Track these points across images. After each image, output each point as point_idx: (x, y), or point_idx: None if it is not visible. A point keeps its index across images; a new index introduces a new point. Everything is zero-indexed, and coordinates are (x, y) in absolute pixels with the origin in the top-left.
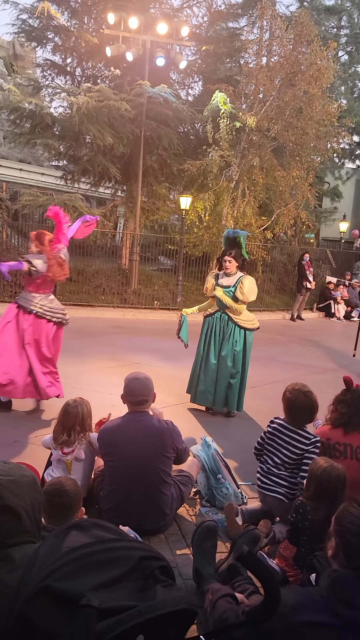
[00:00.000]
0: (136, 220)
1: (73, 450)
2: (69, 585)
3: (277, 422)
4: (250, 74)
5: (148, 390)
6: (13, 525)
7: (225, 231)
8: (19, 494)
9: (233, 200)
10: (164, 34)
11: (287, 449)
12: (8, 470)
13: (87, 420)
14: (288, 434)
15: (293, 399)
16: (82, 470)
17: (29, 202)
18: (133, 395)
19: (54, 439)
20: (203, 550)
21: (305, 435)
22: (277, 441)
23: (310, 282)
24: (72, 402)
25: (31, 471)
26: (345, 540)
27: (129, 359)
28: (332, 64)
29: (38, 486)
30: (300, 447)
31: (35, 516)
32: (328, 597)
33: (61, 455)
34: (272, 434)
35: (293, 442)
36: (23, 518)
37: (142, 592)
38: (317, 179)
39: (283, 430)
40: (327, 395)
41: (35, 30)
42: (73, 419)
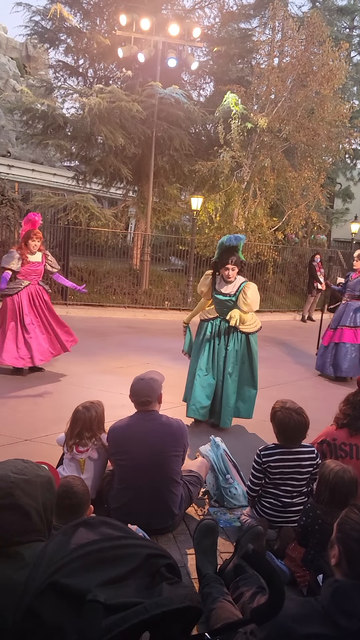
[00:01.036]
0: (147, 221)
1: (87, 449)
2: (76, 581)
3: (274, 452)
4: (262, 75)
5: (152, 391)
6: (23, 523)
7: (225, 238)
8: (31, 493)
9: (244, 201)
10: (176, 35)
11: (296, 472)
12: (23, 469)
13: (99, 423)
14: (292, 457)
15: (286, 421)
16: (94, 470)
17: (41, 203)
18: (136, 395)
19: (66, 442)
20: (203, 548)
21: (308, 449)
22: (283, 470)
23: (321, 283)
24: (82, 408)
25: (48, 471)
26: (348, 548)
27: (139, 359)
28: (344, 65)
29: (53, 487)
30: (311, 463)
31: (46, 516)
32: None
33: (75, 453)
34: (272, 466)
35: (302, 463)
36: (33, 517)
37: (148, 589)
38: (329, 180)
39: (285, 456)
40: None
41: (48, 31)
42: (81, 424)
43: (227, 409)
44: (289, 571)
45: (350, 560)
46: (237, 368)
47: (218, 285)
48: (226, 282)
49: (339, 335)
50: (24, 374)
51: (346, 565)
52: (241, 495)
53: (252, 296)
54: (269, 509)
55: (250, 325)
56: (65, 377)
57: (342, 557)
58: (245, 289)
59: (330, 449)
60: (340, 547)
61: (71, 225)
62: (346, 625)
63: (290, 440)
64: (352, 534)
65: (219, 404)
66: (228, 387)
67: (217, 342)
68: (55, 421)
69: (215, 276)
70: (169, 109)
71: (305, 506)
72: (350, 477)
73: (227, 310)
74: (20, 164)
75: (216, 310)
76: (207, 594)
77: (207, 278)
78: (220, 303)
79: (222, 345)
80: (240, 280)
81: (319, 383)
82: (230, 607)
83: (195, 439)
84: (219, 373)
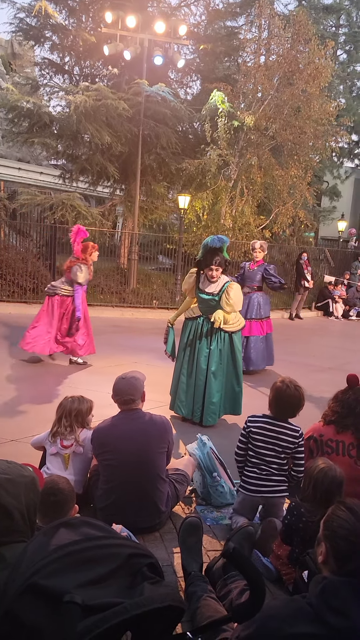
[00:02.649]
0: (135, 220)
1: (72, 444)
2: (55, 583)
3: (259, 419)
4: (249, 73)
5: (134, 389)
6: (5, 523)
7: (209, 239)
8: (14, 493)
9: (231, 199)
10: (162, 32)
11: (276, 444)
12: (6, 469)
13: (80, 417)
14: (275, 429)
15: (283, 389)
16: (79, 465)
17: (27, 201)
18: (119, 394)
19: (50, 429)
20: (187, 546)
21: (293, 428)
22: (264, 439)
23: (309, 281)
24: (70, 397)
25: (32, 472)
26: (335, 545)
27: (127, 358)
28: (330, 63)
29: (37, 487)
30: (291, 440)
31: (29, 517)
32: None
33: (60, 448)
34: (256, 432)
35: (282, 437)
36: (16, 517)
37: (129, 589)
38: (316, 178)
39: (269, 426)
40: (324, 394)
41: (33, 29)
42: (61, 411)
43: (210, 407)
44: (275, 569)
45: (338, 558)
46: (221, 367)
47: (202, 284)
48: (210, 281)
49: (248, 329)
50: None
51: (334, 562)
52: (228, 493)
53: (234, 296)
54: (251, 478)
55: (233, 324)
56: (51, 377)
57: (330, 555)
58: (229, 289)
59: (317, 445)
60: (327, 544)
61: (58, 224)
62: (335, 622)
63: (280, 411)
64: (339, 531)
65: (202, 402)
66: (211, 386)
67: (199, 341)
68: (42, 421)
69: (199, 275)
70: (156, 107)
71: (290, 504)
72: (334, 476)
73: (210, 309)
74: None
75: (200, 309)
76: (191, 593)
77: (191, 276)
78: (203, 302)
79: (204, 344)
80: (224, 280)
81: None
82: (215, 605)
83: (182, 437)
84: (201, 372)
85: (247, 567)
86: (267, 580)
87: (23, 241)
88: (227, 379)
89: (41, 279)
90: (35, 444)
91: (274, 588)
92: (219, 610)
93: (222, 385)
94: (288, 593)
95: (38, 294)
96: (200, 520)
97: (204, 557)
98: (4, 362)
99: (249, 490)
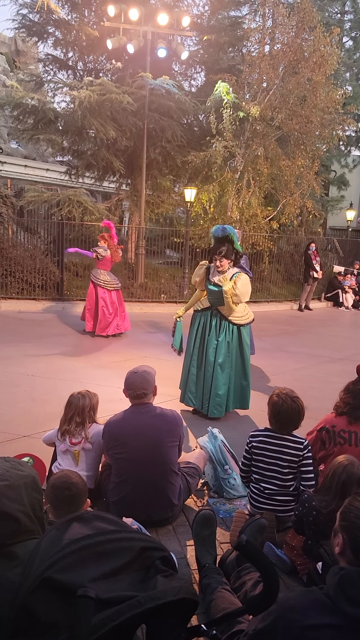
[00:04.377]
0: (141, 214)
1: (81, 441)
2: (69, 577)
3: (260, 433)
4: (253, 63)
5: (147, 383)
6: (12, 528)
7: (213, 229)
8: (16, 498)
9: (238, 191)
10: (165, 24)
11: (279, 458)
12: (4, 473)
13: (91, 412)
14: (277, 443)
15: (280, 403)
16: (89, 461)
17: (34, 198)
18: (132, 389)
19: (59, 428)
20: (202, 538)
21: (296, 440)
22: (267, 454)
23: (317, 271)
24: (76, 394)
25: (31, 469)
26: (352, 536)
27: (136, 352)
28: (335, 50)
29: (37, 484)
30: (295, 453)
31: (36, 514)
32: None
33: (69, 445)
34: (258, 448)
35: (285, 450)
36: (22, 520)
37: (143, 583)
38: (323, 168)
39: (270, 440)
40: (335, 385)
41: (36, 25)
42: (74, 409)
43: (216, 400)
44: (289, 560)
45: (355, 548)
46: (229, 360)
47: (211, 276)
48: (219, 272)
49: None
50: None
51: (351, 553)
52: (240, 486)
53: (241, 287)
54: (255, 495)
55: (242, 317)
56: (62, 372)
57: (347, 546)
58: (237, 279)
59: (329, 435)
60: (345, 535)
61: (65, 221)
62: (352, 613)
63: (280, 426)
64: (356, 522)
65: (208, 394)
66: (218, 378)
67: (208, 333)
68: (53, 416)
69: (209, 267)
70: (160, 100)
71: (302, 496)
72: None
73: (219, 301)
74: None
75: (209, 301)
76: (206, 585)
77: (201, 268)
78: (212, 293)
79: (213, 336)
80: (233, 271)
81: (317, 372)
82: (229, 597)
83: (193, 430)
84: (209, 364)
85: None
86: (282, 571)
87: (31, 238)
88: (235, 373)
89: (49, 276)
90: (46, 441)
91: (289, 579)
92: (234, 602)
93: (229, 378)
94: (302, 584)
95: (47, 291)
96: (213, 513)
97: (218, 549)
98: (16, 359)
99: (254, 507)
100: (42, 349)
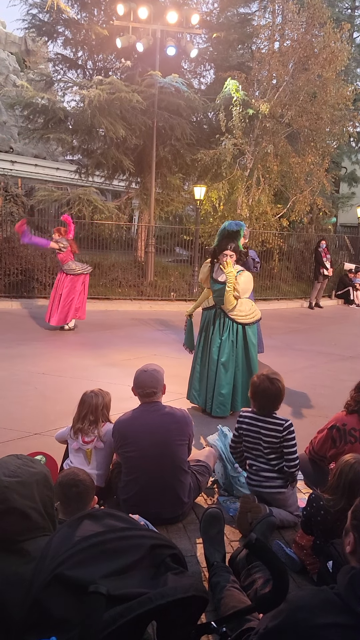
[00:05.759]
0: (150, 212)
1: (93, 439)
2: (81, 573)
3: (246, 414)
4: (263, 60)
5: (156, 382)
6: (23, 524)
7: (227, 223)
8: (27, 494)
9: (247, 188)
10: (174, 22)
11: (267, 442)
12: (16, 470)
13: (103, 410)
14: (258, 424)
15: (257, 384)
16: (101, 460)
17: (44, 197)
18: (142, 387)
19: (72, 427)
20: (210, 537)
21: (276, 422)
22: (250, 435)
23: (328, 269)
24: (90, 392)
25: (42, 466)
26: None
27: (146, 350)
28: (346, 46)
29: (49, 482)
30: (275, 434)
31: (47, 511)
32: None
33: (82, 444)
34: (244, 429)
35: (265, 432)
36: (33, 517)
37: (153, 580)
38: (334, 164)
39: (252, 422)
40: (346, 383)
41: (46, 24)
42: (87, 408)
43: (219, 398)
44: (299, 560)
45: None
46: (233, 359)
47: (215, 274)
48: (223, 270)
49: None
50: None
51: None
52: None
53: (243, 283)
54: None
55: (247, 315)
56: (73, 370)
57: (358, 545)
58: (239, 276)
59: (340, 434)
60: (356, 534)
61: (75, 220)
62: None
63: (260, 406)
64: None
65: (212, 392)
66: (221, 377)
67: (212, 332)
68: (64, 414)
69: (213, 264)
70: (170, 98)
71: (310, 496)
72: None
73: (222, 299)
74: (23, 160)
75: (213, 299)
76: (215, 583)
77: (205, 266)
78: (216, 291)
79: (217, 334)
80: (237, 269)
81: (328, 370)
82: (239, 595)
83: (202, 428)
84: (212, 362)
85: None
86: (291, 570)
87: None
88: (241, 372)
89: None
90: (59, 439)
91: (299, 578)
92: (243, 601)
93: (232, 377)
94: (313, 583)
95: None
96: (220, 511)
97: (227, 547)
98: (27, 357)
99: (250, 485)
100: (53, 347)
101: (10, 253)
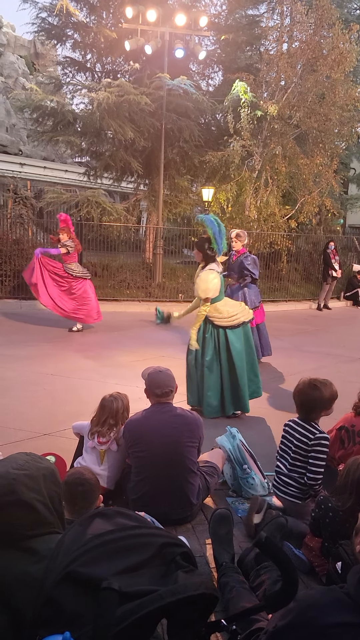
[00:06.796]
0: (159, 214)
1: (108, 441)
2: (93, 570)
3: (291, 419)
4: (271, 61)
5: (173, 381)
6: (31, 517)
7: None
8: (35, 487)
9: (256, 190)
10: (183, 25)
11: (297, 446)
12: (24, 464)
13: (124, 413)
14: (294, 427)
15: (299, 389)
16: (112, 462)
17: (53, 200)
18: (160, 387)
19: (90, 429)
20: (218, 537)
21: (311, 430)
22: (289, 439)
23: (336, 270)
24: (109, 397)
25: (49, 463)
26: None
27: (154, 352)
28: (355, 47)
29: (57, 478)
30: (304, 440)
31: (55, 507)
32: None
33: (97, 444)
34: (286, 432)
35: (298, 436)
36: (40, 510)
37: (163, 578)
38: (342, 166)
39: (292, 424)
40: (355, 385)
41: (55, 28)
42: (107, 412)
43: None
44: (308, 561)
45: None
46: (216, 361)
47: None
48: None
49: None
50: None
51: None
52: (259, 485)
53: (199, 281)
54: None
55: (224, 318)
56: (82, 371)
57: None
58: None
59: (348, 435)
60: None
61: (83, 221)
62: None
63: (300, 412)
64: None
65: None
66: (206, 378)
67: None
68: (73, 415)
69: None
70: (178, 100)
71: (318, 498)
72: None
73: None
74: (32, 162)
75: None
76: (224, 584)
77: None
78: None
79: (201, 334)
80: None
81: (337, 372)
82: (248, 595)
83: (211, 429)
84: (198, 363)
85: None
86: (300, 572)
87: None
88: (227, 375)
89: None
90: (76, 430)
91: (307, 580)
92: (252, 600)
93: (218, 380)
94: (321, 584)
95: None
96: (229, 512)
97: (236, 548)
98: (36, 358)
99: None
100: (61, 348)
101: (19, 255)
